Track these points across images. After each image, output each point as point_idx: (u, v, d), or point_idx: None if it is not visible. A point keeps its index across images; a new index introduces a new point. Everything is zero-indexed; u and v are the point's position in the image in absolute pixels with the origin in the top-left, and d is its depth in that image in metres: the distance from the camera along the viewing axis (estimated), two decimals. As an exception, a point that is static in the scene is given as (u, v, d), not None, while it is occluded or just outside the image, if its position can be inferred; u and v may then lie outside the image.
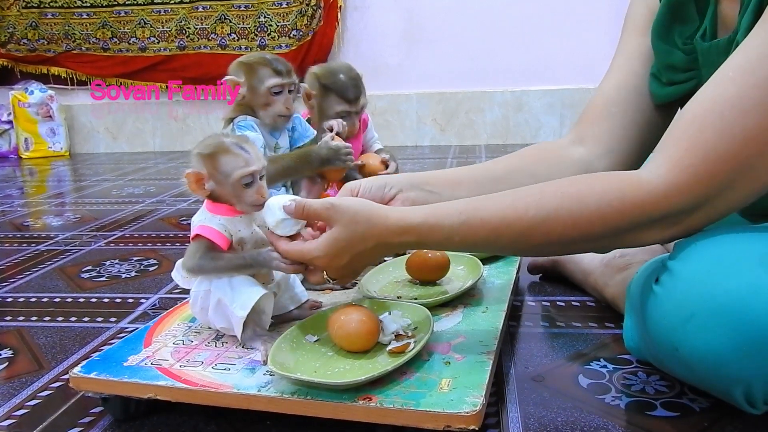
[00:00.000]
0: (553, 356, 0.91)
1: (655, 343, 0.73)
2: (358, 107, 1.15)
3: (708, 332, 0.64)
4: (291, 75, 1.01)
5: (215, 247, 0.79)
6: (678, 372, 0.74)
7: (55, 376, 0.91)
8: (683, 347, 0.67)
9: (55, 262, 1.47)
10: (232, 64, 1.02)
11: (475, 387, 0.68)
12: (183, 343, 0.83)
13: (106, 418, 0.78)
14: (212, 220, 0.80)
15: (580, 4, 3.06)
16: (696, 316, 0.65)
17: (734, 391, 0.68)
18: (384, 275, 1.03)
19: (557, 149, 0.94)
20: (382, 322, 0.79)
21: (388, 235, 0.71)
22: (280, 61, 1.01)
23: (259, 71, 0.99)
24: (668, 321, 0.68)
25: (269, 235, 0.78)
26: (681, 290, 0.67)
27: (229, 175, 0.77)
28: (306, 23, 3.24)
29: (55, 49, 3.50)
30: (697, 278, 0.66)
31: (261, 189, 0.79)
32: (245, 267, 0.79)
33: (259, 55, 1.02)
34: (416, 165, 2.70)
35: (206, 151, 0.78)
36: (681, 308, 0.66)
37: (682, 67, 0.81)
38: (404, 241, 0.72)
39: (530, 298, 1.14)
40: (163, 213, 1.97)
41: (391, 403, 0.66)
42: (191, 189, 0.79)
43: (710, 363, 0.66)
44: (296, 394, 0.69)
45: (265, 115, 1.01)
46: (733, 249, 0.66)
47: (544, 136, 3.19)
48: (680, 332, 0.66)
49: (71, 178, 2.84)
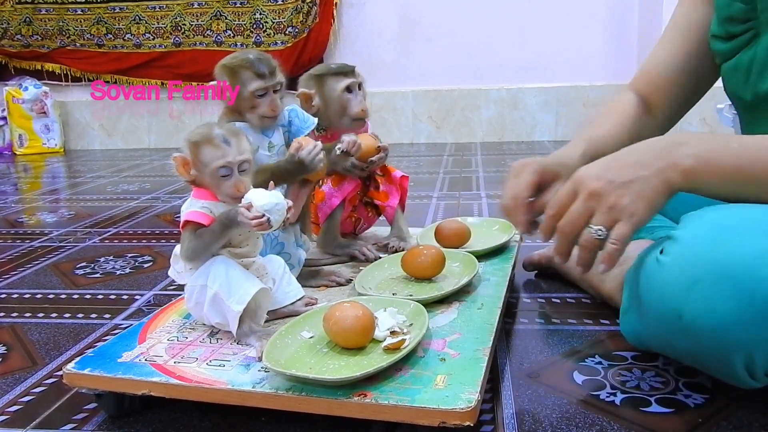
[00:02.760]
0: (549, 353, 0.91)
1: (657, 316, 0.72)
2: (274, 81, 0.99)
3: (713, 297, 0.64)
4: (274, 76, 0.98)
5: (201, 227, 0.80)
6: (678, 345, 0.73)
7: (48, 373, 0.90)
8: (687, 313, 0.66)
9: (49, 258, 1.47)
10: (216, 67, 1.00)
11: (470, 383, 0.68)
12: (178, 339, 0.82)
13: (100, 415, 0.78)
14: (196, 204, 0.81)
15: (576, 2, 3.06)
16: (701, 281, 0.65)
17: (735, 360, 0.67)
18: (379, 272, 1.03)
19: (640, 113, 0.98)
20: (377, 318, 0.78)
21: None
22: (263, 62, 0.97)
23: (242, 75, 0.96)
24: (673, 287, 0.68)
25: None
26: (687, 256, 0.67)
27: (207, 166, 0.80)
28: (302, 20, 3.23)
29: (50, 45, 3.48)
30: (704, 244, 0.66)
31: (239, 183, 0.80)
32: (223, 227, 0.80)
33: (241, 57, 0.98)
34: (412, 162, 2.70)
35: (193, 139, 0.81)
36: (686, 274, 0.66)
37: (740, 18, 0.81)
38: (675, 138, 0.70)
39: (525, 295, 1.14)
40: (158, 210, 1.96)
41: (386, 400, 0.66)
42: (178, 172, 0.82)
43: (713, 329, 0.65)
44: (291, 390, 0.68)
45: (251, 116, 1.00)
46: (740, 219, 0.67)
47: (540, 134, 3.20)
48: (685, 298, 0.66)
49: (66, 174, 2.83)
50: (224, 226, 0.80)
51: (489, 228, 1.24)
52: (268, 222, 0.78)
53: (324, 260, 1.14)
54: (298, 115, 1.07)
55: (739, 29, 0.82)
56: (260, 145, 1.02)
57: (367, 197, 1.21)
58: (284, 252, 0.99)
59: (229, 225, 0.80)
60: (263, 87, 0.97)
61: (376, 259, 1.11)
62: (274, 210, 0.79)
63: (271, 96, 0.98)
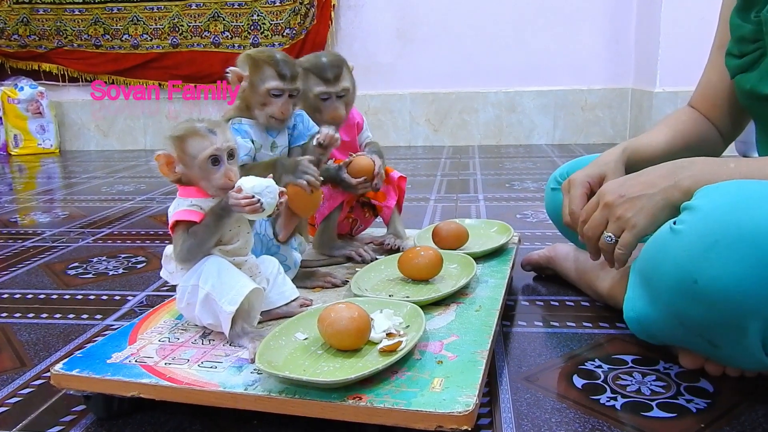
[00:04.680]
0: (547, 356, 0.89)
1: (669, 287, 0.71)
2: (338, 88, 1.10)
3: (730, 259, 0.64)
4: (295, 81, 0.97)
5: (192, 223, 0.79)
6: (691, 317, 0.71)
7: (36, 374, 0.88)
8: (703, 278, 0.66)
9: (41, 258, 1.45)
10: (241, 56, 0.99)
11: (468, 386, 0.67)
12: (169, 340, 0.81)
13: (89, 417, 0.76)
14: (184, 202, 0.80)
15: (574, 6, 3.05)
16: (719, 244, 0.65)
17: (750, 328, 0.66)
18: (376, 273, 1.01)
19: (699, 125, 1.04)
20: (373, 320, 0.77)
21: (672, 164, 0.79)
22: (287, 65, 0.97)
23: (264, 70, 0.96)
24: (689, 252, 0.67)
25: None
26: (705, 221, 0.67)
27: (196, 157, 0.78)
28: (299, 22, 3.22)
29: (47, 46, 3.46)
30: (722, 209, 0.66)
31: (229, 172, 0.79)
32: (217, 218, 0.78)
33: (269, 53, 0.98)
34: (409, 165, 2.68)
35: (177, 134, 0.79)
36: (704, 237, 0.66)
37: (750, 38, 0.87)
38: (680, 164, 0.79)
39: (523, 298, 1.13)
40: (153, 210, 1.94)
41: (381, 403, 0.64)
42: (162, 172, 0.80)
43: (730, 293, 0.65)
44: (284, 393, 0.67)
45: (260, 114, 0.98)
46: (759, 188, 0.67)
47: (538, 137, 3.19)
48: (701, 261, 0.66)
49: (60, 175, 2.81)
50: (217, 217, 0.78)
51: (487, 230, 1.22)
52: (260, 205, 0.77)
53: (320, 261, 1.12)
54: (303, 121, 1.05)
55: (749, 48, 0.88)
56: (263, 145, 1.01)
57: (365, 197, 1.19)
58: (280, 254, 0.97)
59: (222, 215, 0.78)
60: (281, 88, 0.96)
61: (372, 260, 1.09)
62: (265, 192, 0.78)
63: (285, 99, 0.97)
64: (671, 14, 2.65)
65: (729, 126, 1.03)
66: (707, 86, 1.03)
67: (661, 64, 2.70)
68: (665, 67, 2.69)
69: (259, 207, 0.77)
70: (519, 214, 1.74)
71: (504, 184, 2.19)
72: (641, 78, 2.94)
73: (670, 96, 2.67)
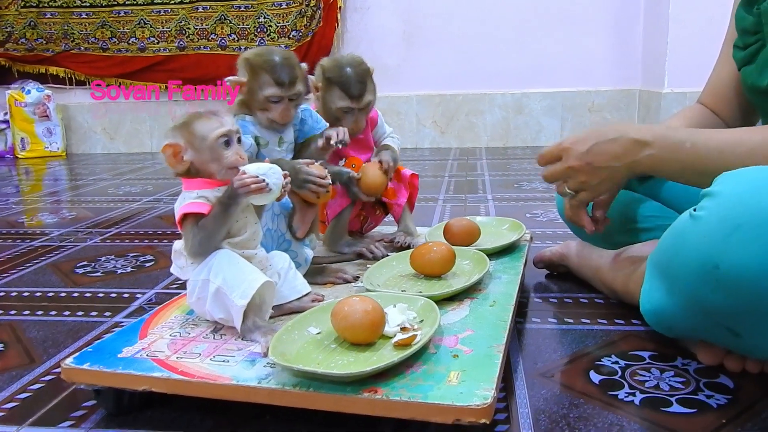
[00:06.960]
0: (562, 352, 0.88)
1: (689, 275, 0.70)
2: (362, 104, 1.09)
3: (753, 243, 0.63)
4: (293, 86, 0.95)
5: (201, 216, 0.78)
6: (712, 304, 0.69)
7: (46, 370, 0.87)
8: (725, 262, 0.65)
9: (49, 258, 1.44)
10: (240, 58, 0.97)
11: (485, 380, 0.65)
12: (180, 335, 0.80)
13: (99, 412, 0.75)
14: (189, 195, 0.79)
15: (580, 7, 3.04)
16: (741, 228, 0.64)
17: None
18: (388, 269, 1.00)
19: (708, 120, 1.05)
20: (387, 314, 0.76)
21: (629, 128, 0.84)
22: (285, 70, 0.94)
23: (261, 77, 0.94)
24: (710, 238, 0.67)
25: None
26: (727, 206, 0.66)
27: (206, 138, 0.78)
28: (305, 24, 3.22)
29: (54, 49, 3.47)
30: (745, 194, 0.66)
31: (239, 150, 0.80)
32: (224, 207, 0.78)
33: (266, 57, 0.95)
34: (416, 166, 2.67)
35: (182, 120, 0.80)
36: (726, 221, 0.65)
37: (751, 30, 0.88)
38: (642, 138, 0.82)
39: (536, 295, 1.11)
40: (161, 210, 1.93)
41: (397, 396, 0.63)
42: (169, 164, 0.79)
43: (752, 277, 0.63)
44: (298, 386, 0.65)
45: (261, 116, 0.97)
46: None
47: (545, 139, 3.17)
48: (723, 246, 0.65)
49: (67, 177, 2.81)
50: (225, 206, 0.78)
51: (499, 227, 1.21)
52: (266, 185, 0.77)
53: (330, 258, 1.11)
54: (312, 116, 1.04)
55: (751, 40, 0.88)
56: (270, 141, 1.00)
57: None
58: (291, 250, 0.96)
59: (230, 203, 0.77)
60: (279, 95, 0.94)
61: (383, 256, 1.08)
62: (270, 173, 0.78)
63: (285, 104, 0.96)
64: (679, 14, 2.64)
65: (738, 122, 1.02)
66: (717, 81, 1.03)
67: (669, 65, 2.68)
68: (673, 67, 2.67)
69: (265, 186, 0.77)
70: (528, 214, 1.73)
71: (512, 185, 2.17)
72: (649, 79, 2.93)
73: (679, 97, 2.65)
